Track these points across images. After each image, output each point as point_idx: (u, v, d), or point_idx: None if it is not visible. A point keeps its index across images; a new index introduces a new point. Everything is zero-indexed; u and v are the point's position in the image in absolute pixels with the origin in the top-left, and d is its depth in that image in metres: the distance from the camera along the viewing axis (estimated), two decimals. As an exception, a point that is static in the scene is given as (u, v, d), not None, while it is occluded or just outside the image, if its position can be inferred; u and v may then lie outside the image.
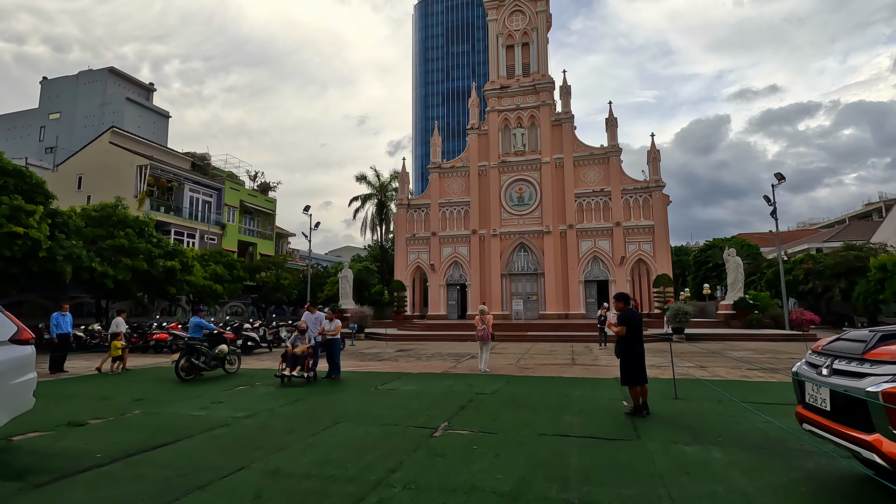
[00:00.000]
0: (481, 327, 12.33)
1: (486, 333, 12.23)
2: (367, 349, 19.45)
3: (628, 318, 7.37)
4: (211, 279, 29.91)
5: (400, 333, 26.21)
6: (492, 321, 12.63)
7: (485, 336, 12.23)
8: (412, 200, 37.39)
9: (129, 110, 44.98)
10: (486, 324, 12.34)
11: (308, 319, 11.13)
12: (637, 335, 7.29)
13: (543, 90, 35.10)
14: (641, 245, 32.46)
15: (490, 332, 12.26)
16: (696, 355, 15.33)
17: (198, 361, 11.32)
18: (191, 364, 11.19)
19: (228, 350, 12.34)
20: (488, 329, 12.26)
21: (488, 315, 12.66)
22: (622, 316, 7.68)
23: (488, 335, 12.23)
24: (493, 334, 12.42)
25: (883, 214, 65.53)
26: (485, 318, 12.45)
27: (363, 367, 13.28)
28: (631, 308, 7.89)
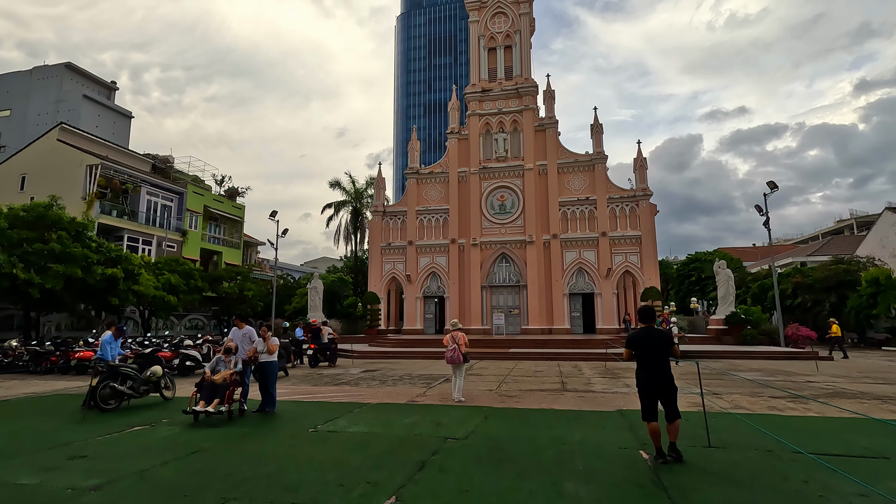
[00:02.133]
0: (451, 347, 10.13)
1: (456, 355, 10.05)
2: (328, 370, 17.09)
3: (627, 340, 6.29)
4: (164, 289, 27.12)
5: (369, 350, 23.85)
6: (465, 340, 10.38)
7: (455, 358, 10.06)
8: (388, 207, 35.27)
9: (86, 108, 41.97)
10: (459, 342, 10.19)
11: (235, 337, 8.87)
12: (641, 358, 6.11)
13: (526, 94, 33.61)
14: (628, 256, 30.90)
15: (462, 354, 10.06)
16: (694, 376, 13.43)
17: (123, 387, 9.04)
18: (113, 390, 8.91)
19: (164, 372, 10.06)
20: (460, 349, 10.08)
21: (460, 332, 10.47)
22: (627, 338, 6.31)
23: (459, 357, 10.04)
24: (466, 355, 10.19)
25: (854, 230, 66.40)
26: (456, 336, 10.27)
27: (312, 395, 10.98)
28: (644, 328, 6.29)
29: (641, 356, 6.10)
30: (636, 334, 6.33)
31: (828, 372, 15.18)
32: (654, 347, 6.10)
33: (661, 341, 6.18)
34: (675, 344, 6.30)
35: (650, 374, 6.01)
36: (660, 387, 5.96)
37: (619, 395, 10.76)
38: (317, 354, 19.15)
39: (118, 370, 9.11)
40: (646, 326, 6.31)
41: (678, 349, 6.37)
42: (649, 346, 6.11)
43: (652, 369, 6.00)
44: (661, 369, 6.01)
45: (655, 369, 6.00)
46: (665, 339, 6.22)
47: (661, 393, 5.95)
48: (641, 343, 6.17)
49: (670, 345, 6.21)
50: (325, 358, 19.40)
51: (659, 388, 5.96)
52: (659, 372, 5.99)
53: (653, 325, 6.38)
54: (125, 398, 9.14)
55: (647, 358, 6.02)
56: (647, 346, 6.11)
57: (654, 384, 5.98)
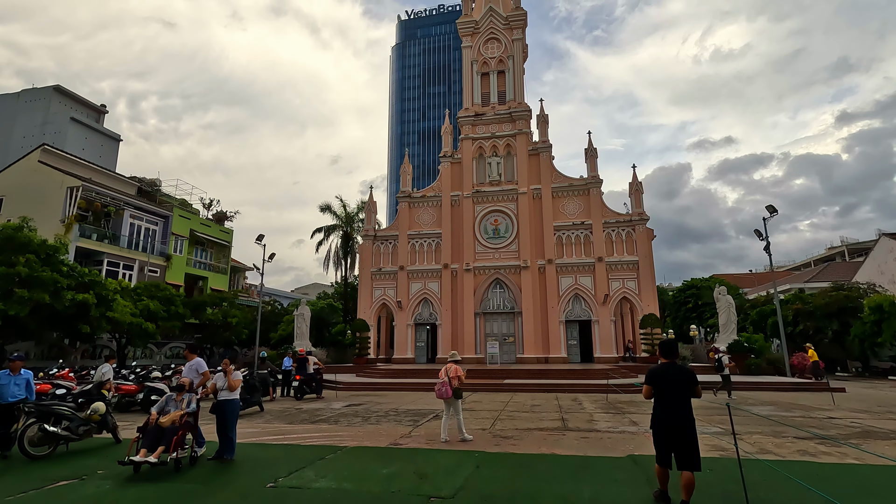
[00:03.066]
0: (442, 380, 9.14)
1: (444, 389, 9.02)
2: (308, 404, 15.80)
3: (647, 375, 5.63)
4: (142, 316, 25.80)
5: (355, 381, 22.51)
6: (460, 373, 9.27)
7: (443, 393, 9.03)
8: (379, 231, 34.38)
9: (73, 131, 41.21)
10: (451, 375, 9.15)
11: (188, 370, 7.78)
12: (659, 396, 5.46)
13: (520, 118, 33.31)
14: (625, 282, 30.02)
15: (452, 388, 9.03)
16: (713, 412, 12.38)
17: (56, 428, 7.84)
18: (44, 433, 7.71)
19: (107, 409, 8.89)
20: (450, 384, 9.05)
21: (454, 364, 9.43)
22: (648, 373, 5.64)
23: (448, 391, 9.00)
24: (458, 390, 9.13)
25: (846, 257, 66.31)
26: (449, 369, 9.26)
27: (284, 436, 9.76)
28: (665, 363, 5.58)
29: (660, 394, 5.42)
30: (657, 370, 5.53)
31: (846, 406, 14.14)
32: (675, 385, 5.33)
33: (684, 379, 5.33)
34: (698, 383, 5.38)
35: (667, 414, 5.26)
36: (677, 430, 5.19)
37: (626, 435, 9.66)
38: (303, 385, 18.03)
39: (50, 409, 7.94)
40: (668, 362, 5.47)
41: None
42: (670, 383, 5.34)
43: (670, 409, 5.29)
44: (680, 410, 5.24)
45: (674, 410, 5.25)
46: (688, 377, 5.35)
47: (677, 437, 5.16)
48: (662, 379, 5.41)
49: (694, 384, 5.38)
50: (312, 389, 18.29)
51: (676, 431, 5.19)
52: (678, 413, 5.23)
53: (676, 360, 5.50)
54: (61, 441, 7.94)
55: (667, 396, 5.35)
56: (668, 384, 5.35)
57: (671, 427, 5.22)
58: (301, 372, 18.19)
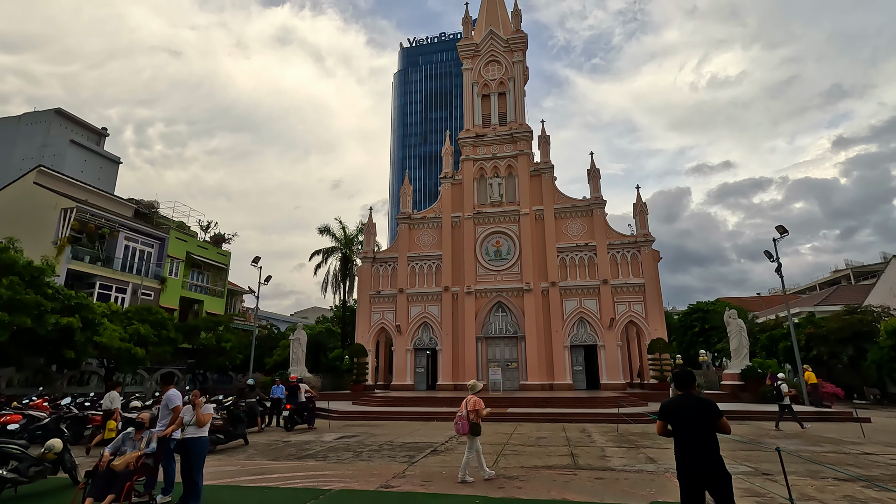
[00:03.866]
0: (460, 414, 8.51)
1: (461, 424, 8.39)
2: (298, 436, 14.77)
3: (660, 409, 4.94)
4: (132, 340, 24.89)
5: (350, 410, 21.40)
6: (480, 405, 8.56)
7: (460, 428, 8.41)
8: (378, 254, 33.66)
9: (72, 153, 41.04)
10: (470, 409, 8.43)
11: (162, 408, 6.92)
12: (679, 435, 4.70)
13: (521, 139, 32.98)
14: (632, 305, 29.08)
15: (469, 423, 8.31)
16: (736, 447, 11.35)
17: (1, 470, 6.91)
18: None
19: (65, 446, 7.97)
20: (467, 419, 8.36)
21: (473, 397, 8.69)
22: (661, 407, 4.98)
23: (465, 426, 8.30)
24: (476, 425, 8.32)
25: (851, 280, 65.25)
26: (469, 402, 8.56)
27: (263, 476, 8.79)
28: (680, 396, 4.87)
29: (679, 432, 4.68)
30: (671, 403, 4.79)
31: (878, 439, 13.06)
32: (694, 420, 4.55)
33: (705, 412, 4.58)
34: (722, 416, 4.56)
35: (690, 455, 4.52)
36: (704, 472, 4.40)
37: (645, 474, 8.67)
38: (293, 415, 16.91)
39: (-6, 447, 7.06)
40: (683, 394, 4.78)
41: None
42: (688, 418, 4.58)
43: (692, 449, 4.52)
44: (704, 449, 4.47)
45: (697, 449, 4.50)
46: (709, 409, 4.61)
47: (706, 482, 4.38)
48: (677, 414, 4.65)
49: (716, 416, 4.58)
50: (303, 419, 17.19)
51: (703, 474, 4.40)
52: (701, 452, 4.47)
53: (692, 390, 4.71)
54: (7, 485, 7.02)
55: (686, 434, 4.61)
56: (686, 419, 4.58)
57: (697, 468, 4.43)
58: (292, 400, 16.96)
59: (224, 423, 11.69)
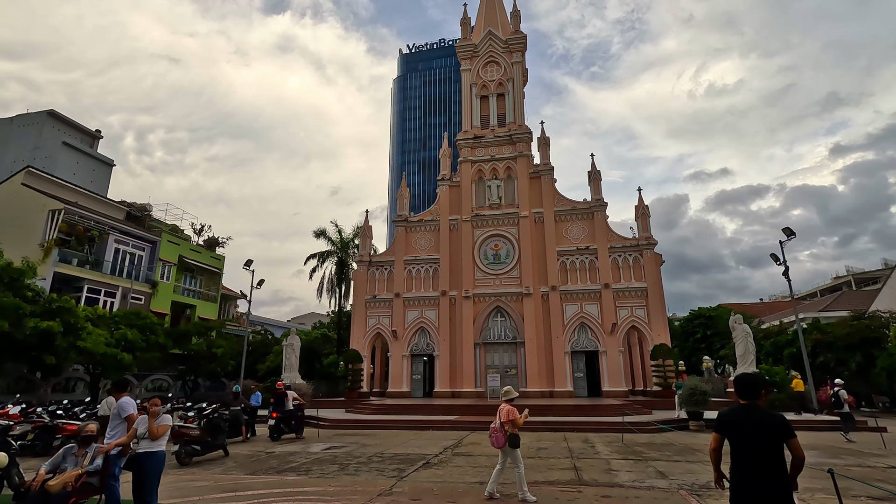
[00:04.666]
0: (494, 426, 7.80)
1: (496, 437, 7.66)
2: (283, 446, 13.93)
3: (717, 420, 4.13)
4: (119, 346, 24.10)
5: (343, 418, 20.55)
6: (514, 415, 7.72)
7: (495, 442, 7.68)
8: (374, 257, 32.89)
9: (64, 155, 40.39)
10: (504, 419, 7.66)
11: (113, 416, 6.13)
12: (737, 455, 3.86)
13: (520, 141, 32.34)
14: (634, 310, 28.29)
15: (506, 435, 7.57)
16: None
17: None
18: None
19: (11, 461, 7.15)
20: (502, 431, 7.63)
21: (506, 406, 7.90)
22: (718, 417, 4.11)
23: (501, 439, 7.59)
24: (513, 437, 7.56)
25: (853, 286, 64.57)
26: (503, 411, 7.79)
27: (234, 494, 7.98)
28: (743, 406, 4.02)
29: (738, 450, 3.86)
30: (732, 415, 3.99)
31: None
32: (757, 438, 3.76)
33: (772, 429, 3.80)
34: (794, 436, 3.77)
35: (750, 481, 3.71)
36: (765, 502, 3.64)
37: (657, 492, 7.88)
38: (279, 424, 16.00)
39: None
40: (747, 404, 3.99)
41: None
42: (751, 435, 3.78)
43: (753, 474, 3.71)
44: (768, 475, 3.67)
45: (759, 474, 3.69)
46: (777, 426, 3.83)
47: None
48: (738, 429, 3.89)
49: (788, 435, 3.78)
50: (291, 428, 16.33)
51: None
52: (765, 479, 3.67)
53: (757, 402, 3.94)
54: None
55: (747, 455, 3.79)
56: (748, 436, 3.82)
57: (757, 496, 3.66)
58: (278, 409, 16.07)
59: (201, 433, 10.89)
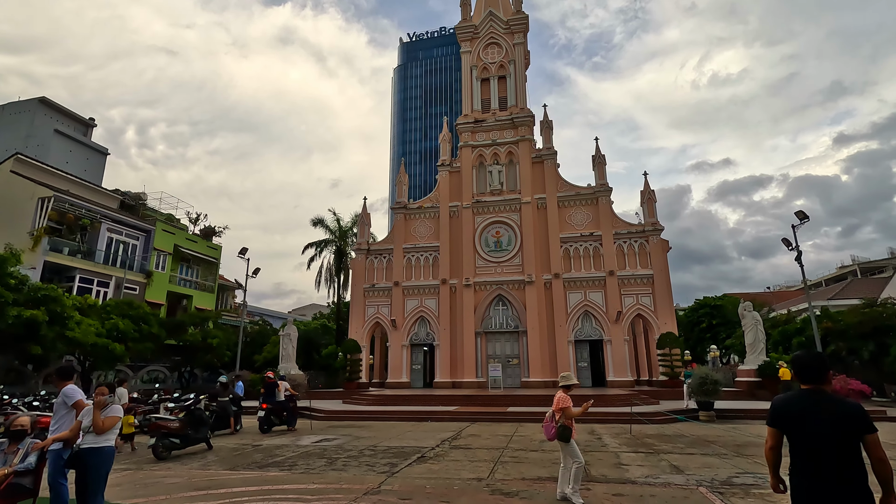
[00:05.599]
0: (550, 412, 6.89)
1: (547, 429, 6.82)
2: (272, 439, 13.22)
3: (771, 411, 3.29)
4: (109, 336, 23.46)
5: (339, 409, 19.87)
6: (566, 403, 6.72)
7: (548, 434, 6.83)
8: (372, 245, 32.09)
9: (57, 143, 39.60)
10: (556, 407, 6.74)
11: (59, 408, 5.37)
12: (799, 452, 3.03)
13: (522, 124, 31.35)
14: (640, 298, 27.47)
15: (556, 426, 6.66)
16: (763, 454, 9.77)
17: None
18: None
19: None
20: (553, 421, 6.75)
21: (561, 393, 6.90)
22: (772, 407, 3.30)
23: (552, 431, 6.71)
24: (564, 429, 6.58)
25: (858, 276, 63.63)
26: (559, 400, 6.80)
27: (206, 492, 7.24)
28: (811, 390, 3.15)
29: (800, 447, 3.01)
30: (788, 403, 3.17)
31: (929, 442, 11.46)
32: (826, 432, 2.91)
33: (845, 421, 2.92)
34: (874, 430, 2.92)
35: (819, 491, 2.88)
36: None
37: (675, 489, 7.11)
38: (269, 416, 15.32)
39: None
40: (810, 389, 3.12)
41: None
42: (818, 430, 2.93)
43: (822, 480, 2.87)
44: (842, 479, 2.84)
45: (829, 477, 2.85)
46: (852, 416, 2.94)
47: None
48: (800, 421, 3.03)
49: (867, 429, 2.89)
50: (282, 419, 15.70)
51: None
52: (838, 485, 2.84)
53: (824, 386, 3.10)
54: None
55: (813, 455, 2.93)
56: (814, 430, 2.94)
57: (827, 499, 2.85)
58: (269, 400, 15.38)
59: (181, 425, 10.16)
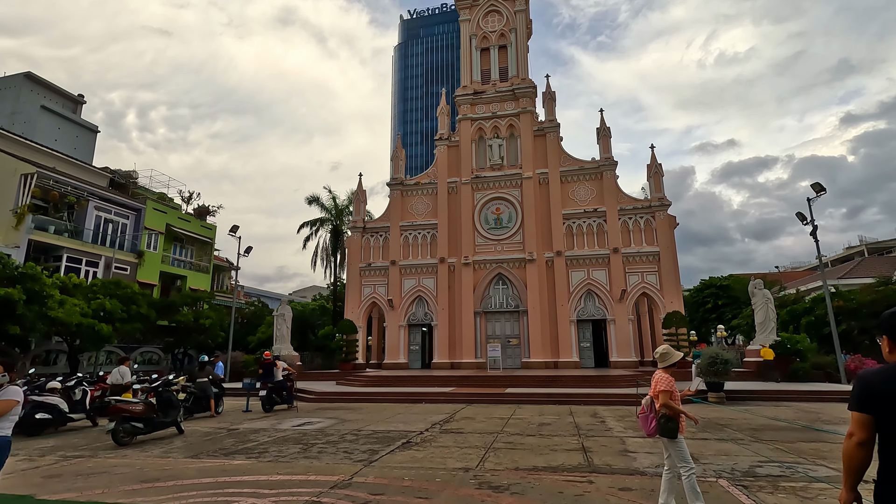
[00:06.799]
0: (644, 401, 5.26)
1: (646, 422, 5.17)
2: (250, 422, 12.38)
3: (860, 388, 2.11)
4: (95, 316, 22.66)
5: (331, 391, 19.09)
6: (668, 385, 4.97)
7: (646, 429, 5.18)
8: (368, 223, 31.04)
9: (44, 120, 38.43)
10: (654, 392, 5.06)
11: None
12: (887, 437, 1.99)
13: (524, 96, 29.96)
14: (645, 276, 26.45)
15: (657, 418, 4.98)
16: (788, 439, 8.85)
17: None
18: None
19: None
20: (653, 411, 5.09)
21: (661, 374, 5.12)
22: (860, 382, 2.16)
23: (651, 425, 5.08)
24: (666, 421, 4.88)
25: (866, 256, 62.40)
26: (658, 382, 5.06)
27: (151, 484, 6.36)
28: None
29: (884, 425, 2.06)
30: (884, 378, 2.11)
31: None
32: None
33: None
34: None
35: None
36: None
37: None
38: (272, 395, 15.26)
39: None
40: None
41: None
42: None
43: None
44: None
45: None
46: None
47: None
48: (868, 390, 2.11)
49: None
50: (282, 398, 15.58)
51: None
52: None
53: None
54: None
55: None
56: None
57: None
58: (268, 379, 15.42)
59: (145, 408, 9.29)
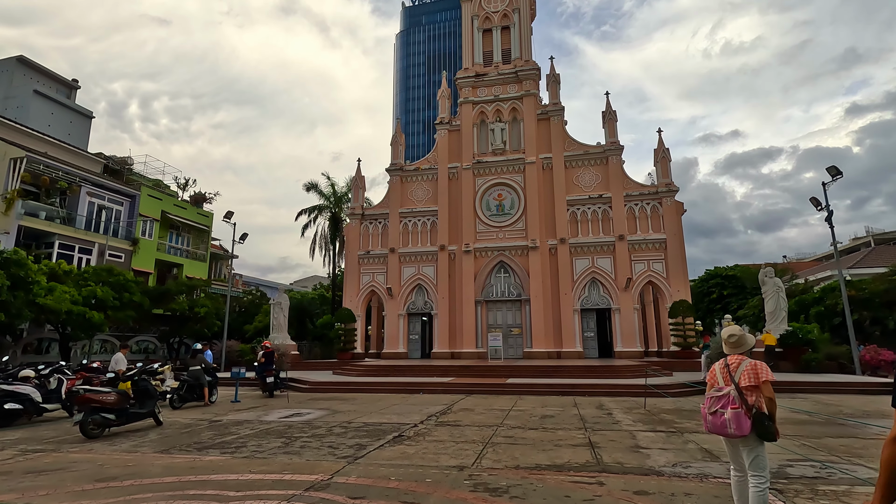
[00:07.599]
0: (722, 393, 3.92)
1: (729, 420, 3.77)
2: (235, 413, 11.74)
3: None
4: (86, 304, 22.11)
5: (327, 381, 18.45)
6: (766, 374, 3.83)
7: (726, 428, 3.80)
8: (367, 210, 30.27)
9: (37, 105, 37.65)
10: (745, 384, 3.83)
11: None
12: None
13: (527, 79, 28.98)
14: (651, 264, 25.65)
15: (751, 414, 3.73)
16: (813, 434, 8.14)
17: None
18: None
19: None
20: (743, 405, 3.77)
21: (738, 357, 4.00)
22: None
23: (744, 422, 3.72)
24: (763, 418, 3.70)
25: (872, 247, 61.41)
26: (741, 369, 3.91)
27: (105, 484, 5.70)
28: None
29: None
30: None
31: None
32: None
33: None
34: None
35: None
36: None
37: (714, 485, 5.46)
38: (277, 381, 16.04)
39: None
40: None
41: None
42: None
43: None
44: None
45: None
46: None
47: None
48: None
49: None
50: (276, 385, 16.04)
51: None
52: None
53: None
54: None
55: None
56: None
57: None
58: (269, 367, 15.98)
59: (117, 398, 8.64)
